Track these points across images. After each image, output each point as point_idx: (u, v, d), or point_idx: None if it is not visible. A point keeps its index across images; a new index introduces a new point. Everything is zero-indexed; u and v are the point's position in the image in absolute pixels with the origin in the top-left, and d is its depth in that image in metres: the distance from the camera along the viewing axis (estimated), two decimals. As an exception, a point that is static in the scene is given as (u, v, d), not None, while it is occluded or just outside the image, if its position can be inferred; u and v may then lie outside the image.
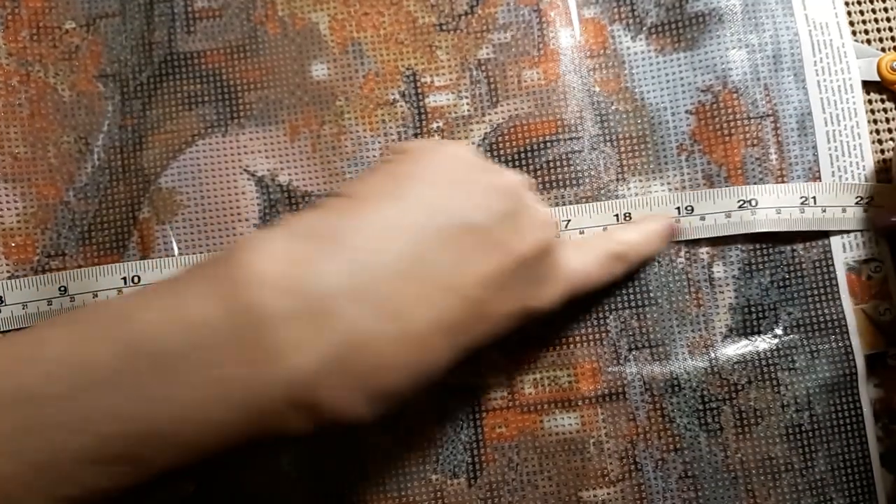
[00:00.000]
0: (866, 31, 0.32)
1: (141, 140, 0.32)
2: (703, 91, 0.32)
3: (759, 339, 0.31)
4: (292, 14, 0.33)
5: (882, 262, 0.31)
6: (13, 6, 0.33)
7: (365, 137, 0.32)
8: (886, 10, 0.32)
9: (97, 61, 0.33)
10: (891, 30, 0.32)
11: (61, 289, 0.31)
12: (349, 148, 0.32)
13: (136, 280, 0.31)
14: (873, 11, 0.32)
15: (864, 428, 0.30)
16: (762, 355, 0.31)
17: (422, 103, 0.32)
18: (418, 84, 0.32)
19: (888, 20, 0.32)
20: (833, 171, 0.31)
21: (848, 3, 0.32)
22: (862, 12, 0.32)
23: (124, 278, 0.31)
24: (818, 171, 0.31)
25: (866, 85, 0.32)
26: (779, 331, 0.31)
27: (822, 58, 0.32)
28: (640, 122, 0.32)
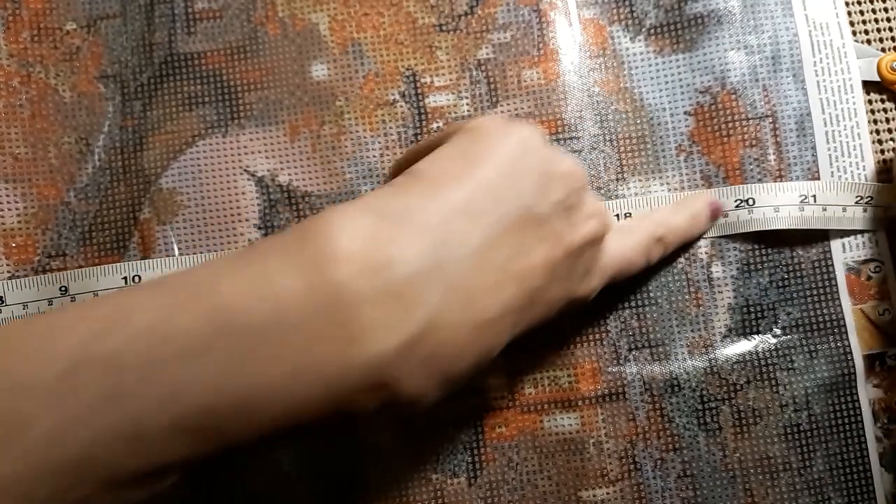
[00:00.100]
0: (866, 32, 0.32)
1: (141, 141, 0.32)
2: (701, 92, 0.32)
3: (758, 339, 0.31)
4: (292, 15, 0.33)
5: (882, 262, 0.31)
6: (14, 7, 0.33)
7: (365, 138, 0.32)
8: (886, 10, 0.32)
9: (98, 62, 0.33)
10: (891, 30, 0.32)
11: (62, 289, 0.31)
12: (349, 148, 0.32)
13: (136, 280, 0.31)
14: (873, 11, 0.32)
15: (863, 428, 0.30)
16: (761, 355, 0.31)
17: (422, 103, 0.32)
18: (418, 84, 0.32)
19: (888, 20, 0.32)
20: (832, 172, 0.31)
21: (848, 4, 0.32)
22: (862, 12, 0.32)
23: (125, 278, 0.31)
24: (817, 172, 0.31)
25: (866, 85, 0.32)
26: (778, 331, 0.31)
27: (821, 58, 0.32)
28: (639, 122, 0.32)
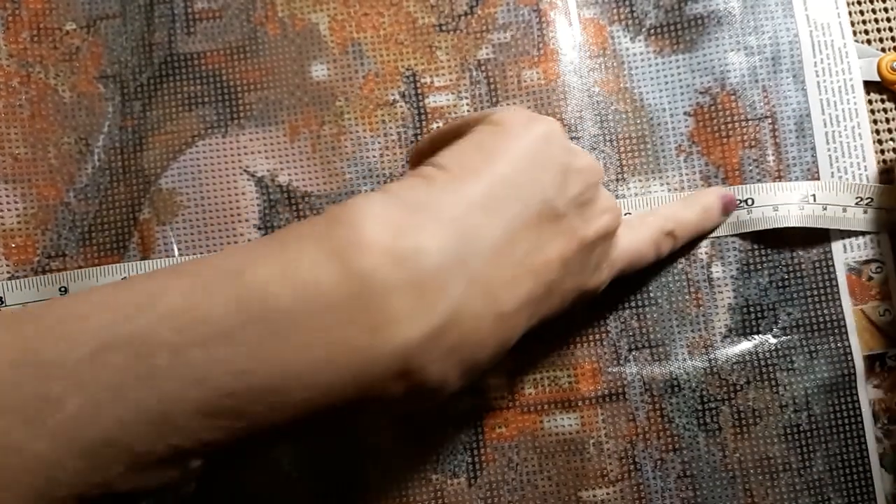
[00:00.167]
0: (866, 32, 0.32)
1: (141, 141, 0.32)
2: (701, 93, 0.32)
3: (758, 340, 0.31)
4: (292, 15, 0.33)
5: (883, 262, 0.31)
6: (14, 7, 0.33)
7: (365, 138, 0.32)
8: (886, 10, 0.32)
9: (97, 62, 0.33)
10: (891, 30, 0.32)
11: (62, 289, 0.31)
12: (349, 148, 0.32)
13: (136, 280, 0.31)
14: (873, 11, 0.32)
15: (863, 428, 0.30)
16: (761, 355, 0.31)
17: (422, 104, 0.32)
18: (418, 84, 0.32)
19: (888, 20, 0.32)
20: (833, 172, 0.31)
21: (848, 4, 0.32)
22: (862, 12, 0.32)
23: (125, 279, 0.31)
24: (817, 173, 0.31)
25: (866, 85, 0.32)
26: (778, 331, 0.31)
27: (822, 58, 0.32)
28: (639, 122, 0.32)
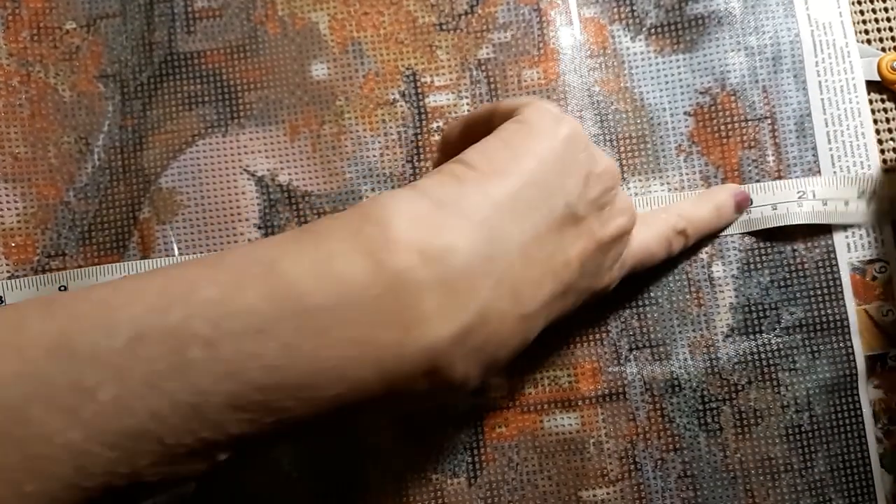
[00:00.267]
0: (866, 31, 0.32)
1: (141, 140, 0.32)
2: (701, 93, 0.32)
3: (760, 339, 0.31)
4: (292, 14, 0.33)
5: (888, 262, 0.31)
6: (14, 6, 0.33)
7: (365, 137, 0.32)
8: (887, 10, 0.32)
9: (97, 61, 0.33)
10: (891, 30, 0.32)
11: (61, 288, 0.31)
12: (349, 148, 0.32)
13: (136, 280, 0.31)
14: (874, 11, 0.32)
15: (864, 429, 0.30)
16: (763, 355, 0.31)
17: (422, 103, 0.32)
18: (418, 84, 0.32)
19: (888, 20, 0.32)
20: (835, 172, 0.31)
21: (849, 3, 0.32)
22: (862, 12, 0.32)
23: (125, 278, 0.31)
24: (818, 172, 0.31)
25: (866, 85, 0.32)
26: (780, 331, 0.31)
27: (823, 58, 0.32)
28: (639, 122, 0.32)
